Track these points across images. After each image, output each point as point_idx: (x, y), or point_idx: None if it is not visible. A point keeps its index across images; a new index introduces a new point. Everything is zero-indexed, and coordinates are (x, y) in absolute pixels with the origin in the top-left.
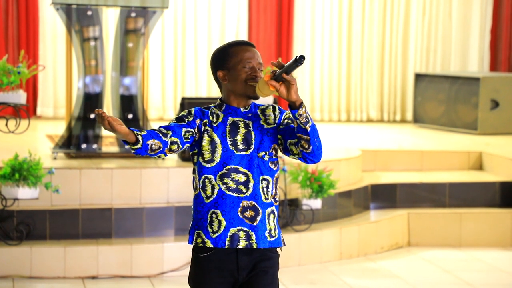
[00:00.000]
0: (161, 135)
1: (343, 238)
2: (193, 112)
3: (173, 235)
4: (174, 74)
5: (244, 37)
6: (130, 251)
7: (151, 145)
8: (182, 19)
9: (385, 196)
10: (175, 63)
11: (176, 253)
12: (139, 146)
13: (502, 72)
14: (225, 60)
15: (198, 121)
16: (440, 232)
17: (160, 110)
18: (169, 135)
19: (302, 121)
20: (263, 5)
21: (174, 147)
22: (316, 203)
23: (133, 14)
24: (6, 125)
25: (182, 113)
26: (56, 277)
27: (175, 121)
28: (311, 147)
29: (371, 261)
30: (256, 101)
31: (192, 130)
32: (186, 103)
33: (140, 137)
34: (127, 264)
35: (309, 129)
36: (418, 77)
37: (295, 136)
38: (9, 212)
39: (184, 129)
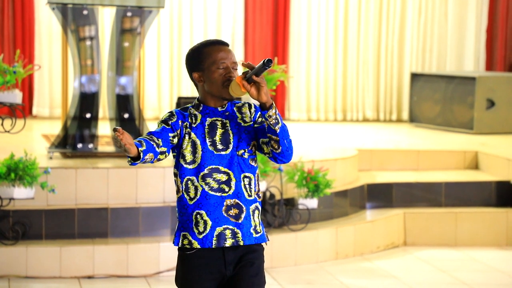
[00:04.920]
0: (155, 145)
1: (339, 237)
2: (175, 113)
3: (169, 235)
4: (170, 73)
5: (240, 36)
6: (126, 250)
7: (146, 158)
8: (178, 19)
9: (381, 195)
10: (171, 63)
11: (172, 252)
12: (138, 161)
13: (498, 72)
14: (199, 61)
15: (180, 122)
16: (436, 231)
17: (156, 109)
18: (159, 145)
19: (271, 122)
20: (259, 5)
21: (162, 156)
22: (312, 203)
23: (129, 14)
24: (2, 124)
25: (165, 116)
26: (52, 277)
27: (163, 125)
28: (280, 147)
29: (367, 260)
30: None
31: (176, 132)
32: (182, 102)
33: (141, 154)
34: (123, 264)
35: (278, 130)
36: (414, 76)
37: (267, 135)
38: (4, 212)
39: (171, 135)
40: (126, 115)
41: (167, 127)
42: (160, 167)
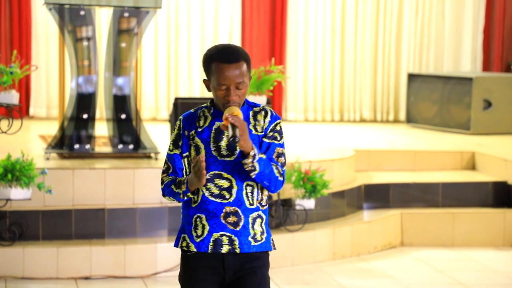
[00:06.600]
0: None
1: (336, 238)
2: (181, 125)
3: (166, 236)
4: (167, 74)
5: (237, 37)
6: (123, 251)
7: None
8: (175, 19)
9: (378, 196)
10: (168, 63)
11: (169, 253)
12: (192, 195)
13: (495, 72)
14: (208, 72)
15: (186, 132)
16: (433, 232)
17: (153, 110)
18: (187, 171)
19: (247, 169)
20: (256, 4)
21: None
22: (309, 203)
23: (126, 14)
24: None
25: (175, 134)
26: (49, 277)
27: (175, 151)
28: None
29: (364, 261)
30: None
31: (187, 143)
32: (179, 103)
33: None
34: (120, 265)
35: (253, 176)
36: (411, 77)
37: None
38: (1, 212)
39: (186, 160)
40: (123, 116)
41: (178, 152)
42: (157, 168)
